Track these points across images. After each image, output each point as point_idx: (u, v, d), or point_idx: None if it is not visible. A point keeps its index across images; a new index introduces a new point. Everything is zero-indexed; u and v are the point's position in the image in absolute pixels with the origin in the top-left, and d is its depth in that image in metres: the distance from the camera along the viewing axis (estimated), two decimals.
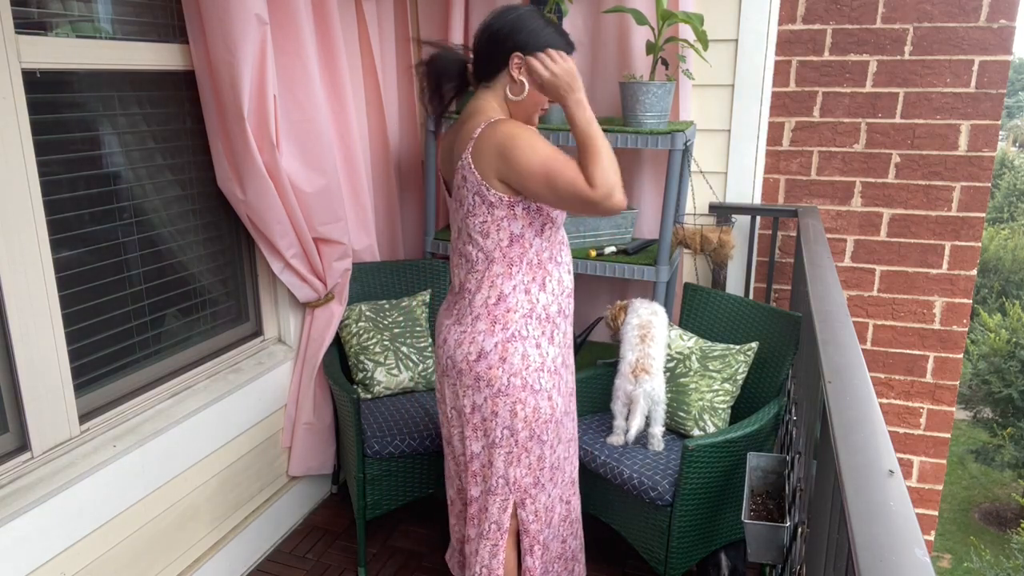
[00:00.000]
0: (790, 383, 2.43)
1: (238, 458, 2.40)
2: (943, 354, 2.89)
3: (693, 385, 2.36)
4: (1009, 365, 9.55)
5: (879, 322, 2.94)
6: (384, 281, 2.85)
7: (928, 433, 2.96)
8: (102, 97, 1.94)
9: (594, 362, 2.72)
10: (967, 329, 2.87)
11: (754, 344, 2.39)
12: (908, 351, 2.92)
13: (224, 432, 2.31)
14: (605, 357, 2.71)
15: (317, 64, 2.33)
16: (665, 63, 2.62)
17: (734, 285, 2.99)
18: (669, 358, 2.44)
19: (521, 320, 1.71)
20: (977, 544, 8.28)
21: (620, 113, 2.76)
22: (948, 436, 2.95)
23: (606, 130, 2.51)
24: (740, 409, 2.41)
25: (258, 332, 2.59)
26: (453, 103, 1.84)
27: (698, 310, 2.62)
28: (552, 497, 1.91)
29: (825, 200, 2.90)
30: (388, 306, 2.73)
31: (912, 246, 2.84)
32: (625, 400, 2.28)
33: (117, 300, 2.03)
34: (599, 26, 2.84)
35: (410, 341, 2.67)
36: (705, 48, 2.53)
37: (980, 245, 2.80)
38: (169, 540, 2.14)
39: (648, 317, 2.35)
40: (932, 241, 2.81)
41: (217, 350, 2.40)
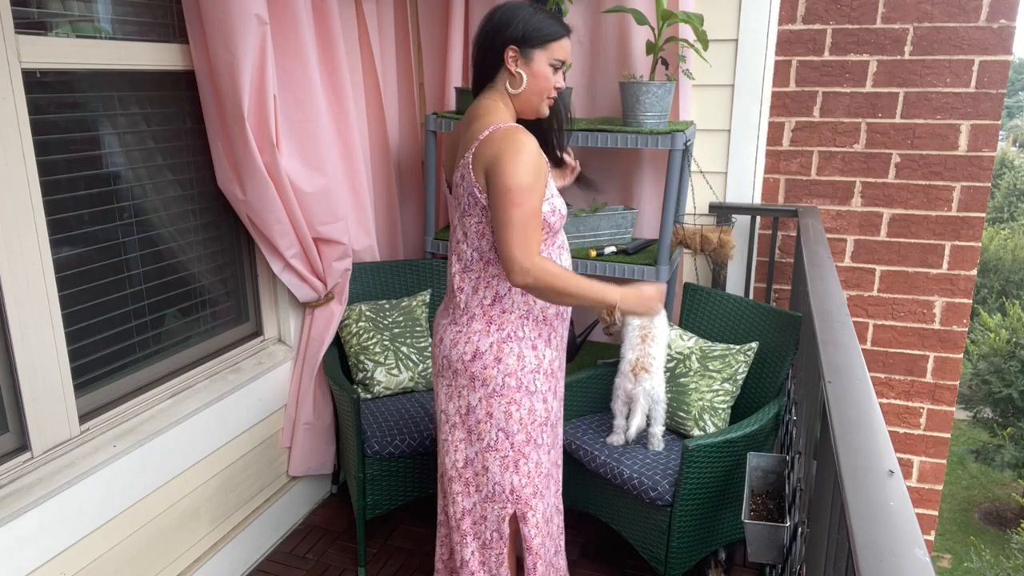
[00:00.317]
0: (790, 383, 2.43)
1: (238, 458, 2.40)
2: (943, 354, 2.89)
3: (693, 385, 2.36)
4: (1009, 365, 9.56)
5: (879, 322, 2.94)
6: (384, 281, 2.85)
7: (928, 433, 2.96)
8: (102, 97, 1.94)
9: (594, 362, 2.72)
10: (967, 329, 2.87)
11: (754, 344, 2.39)
12: (908, 351, 2.92)
13: (224, 432, 2.32)
14: (605, 357, 2.71)
15: (317, 64, 2.33)
16: (665, 63, 2.62)
17: (734, 285, 2.99)
18: (669, 358, 2.44)
19: (517, 321, 1.71)
20: (977, 544, 8.28)
21: (620, 113, 2.76)
22: (948, 436, 2.95)
23: (606, 130, 2.51)
24: (740, 409, 2.41)
25: (258, 332, 2.59)
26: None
27: (698, 310, 2.62)
28: (549, 507, 1.86)
29: (825, 200, 2.90)
30: (388, 306, 2.73)
31: (912, 246, 2.84)
32: (625, 399, 2.28)
33: (117, 300, 2.03)
34: (599, 26, 2.84)
35: (410, 341, 2.67)
36: (705, 48, 2.53)
37: (980, 245, 2.80)
38: (169, 540, 2.14)
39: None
40: (932, 241, 2.81)
41: (217, 350, 2.40)
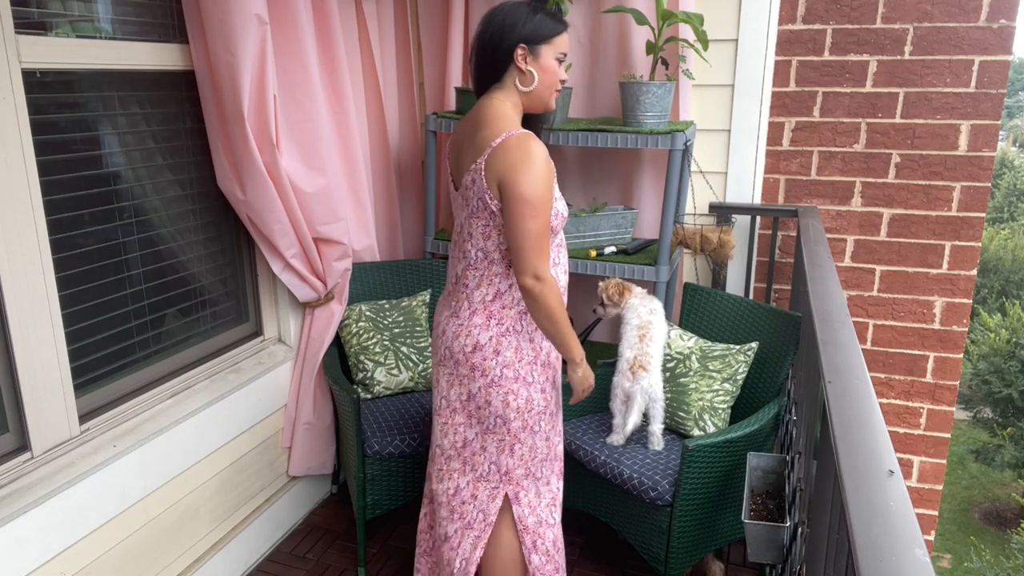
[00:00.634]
0: (790, 383, 2.43)
1: (238, 458, 2.40)
2: (943, 354, 2.89)
3: (693, 385, 2.36)
4: (1009, 365, 9.56)
5: (879, 322, 2.94)
6: (384, 281, 2.85)
7: (928, 433, 2.96)
8: (102, 97, 1.94)
9: (595, 362, 2.72)
10: (967, 329, 2.87)
11: (754, 344, 2.39)
12: (908, 351, 2.92)
13: (224, 432, 2.32)
14: (605, 357, 2.71)
15: (317, 64, 2.33)
16: (665, 63, 2.62)
17: (734, 285, 2.99)
18: (669, 358, 2.44)
19: (516, 316, 1.79)
20: (977, 544, 8.28)
21: (620, 113, 2.76)
22: (948, 436, 2.95)
23: (606, 130, 2.51)
24: (740, 409, 2.41)
25: (258, 332, 2.59)
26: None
27: (698, 310, 2.62)
28: (555, 491, 1.93)
29: (825, 200, 2.90)
30: (388, 306, 2.73)
31: (912, 246, 2.84)
32: (623, 397, 2.29)
33: (117, 300, 2.03)
34: (599, 26, 2.84)
35: (410, 341, 2.67)
36: (705, 48, 2.53)
37: (980, 245, 2.80)
38: (169, 540, 2.14)
39: (648, 318, 2.36)
40: (932, 241, 2.81)
41: (217, 350, 2.40)
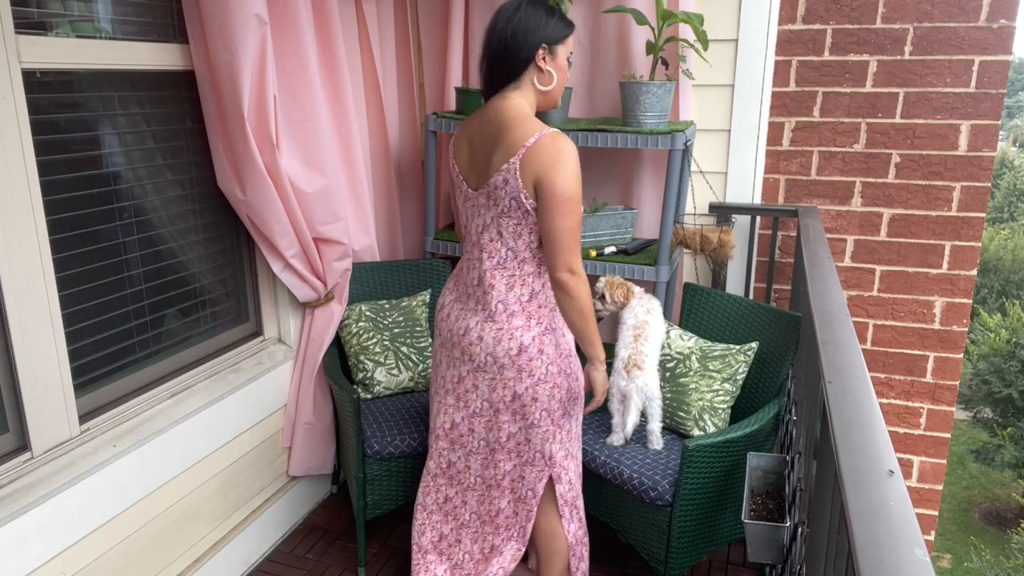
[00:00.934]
0: (790, 383, 2.43)
1: (238, 458, 2.40)
2: (943, 354, 2.89)
3: (693, 385, 2.36)
4: (1009, 365, 9.56)
5: (879, 322, 2.94)
6: (384, 281, 2.85)
7: (928, 433, 2.96)
8: (102, 97, 1.94)
9: None
10: (967, 329, 2.87)
11: (754, 344, 2.39)
12: (908, 351, 2.92)
13: (224, 432, 2.32)
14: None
15: (317, 64, 2.33)
16: (665, 63, 2.62)
17: (734, 285, 2.99)
18: (669, 358, 2.44)
19: (550, 314, 1.87)
20: (977, 544, 8.28)
21: (620, 113, 2.76)
22: (948, 436, 2.95)
23: (606, 130, 2.51)
24: (740, 409, 2.41)
25: (258, 332, 2.59)
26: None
27: (698, 310, 2.62)
28: (577, 465, 2.04)
29: (825, 200, 2.90)
30: (388, 306, 2.73)
31: (912, 246, 2.84)
32: (620, 396, 2.29)
33: (117, 300, 2.03)
34: (599, 26, 2.84)
35: (410, 341, 2.67)
36: (705, 48, 2.53)
37: (980, 245, 2.80)
38: (169, 540, 2.14)
39: (644, 317, 2.36)
40: (932, 241, 2.81)
41: (217, 350, 2.40)
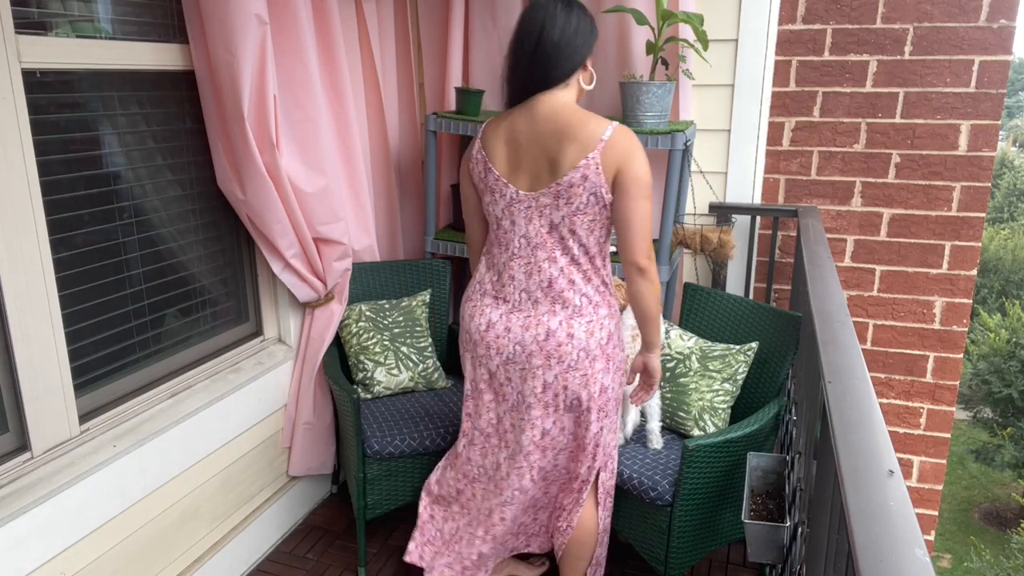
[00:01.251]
0: (790, 383, 2.43)
1: (238, 458, 2.40)
2: (943, 354, 2.89)
3: (693, 385, 2.36)
4: (1009, 365, 9.55)
5: (879, 322, 2.94)
6: (384, 281, 2.85)
7: (928, 433, 2.96)
8: (102, 97, 1.94)
9: None
10: (967, 329, 2.87)
11: (754, 344, 2.39)
12: (908, 351, 2.92)
13: (224, 432, 2.32)
14: None
15: (317, 64, 2.33)
16: (665, 63, 2.62)
17: (734, 285, 2.99)
18: (669, 358, 2.44)
19: (615, 302, 1.92)
20: (977, 544, 8.28)
21: (620, 113, 2.76)
22: (948, 436, 2.95)
23: None
24: (740, 409, 2.41)
25: (258, 332, 2.59)
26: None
27: (698, 310, 2.62)
28: None
29: (825, 200, 2.90)
30: (388, 306, 2.73)
31: (912, 246, 2.84)
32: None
33: (117, 300, 2.03)
34: (599, 26, 2.83)
35: (410, 341, 2.67)
36: (705, 48, 2.53)
37: (980, 245, 2.80)
38: (169, 540, 2.14)
39: None
40: (932, 241, 2.81)
41: (217, 350, 2.40)
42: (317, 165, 2.36)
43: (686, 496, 2.06)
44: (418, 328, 2.71)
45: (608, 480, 2.04)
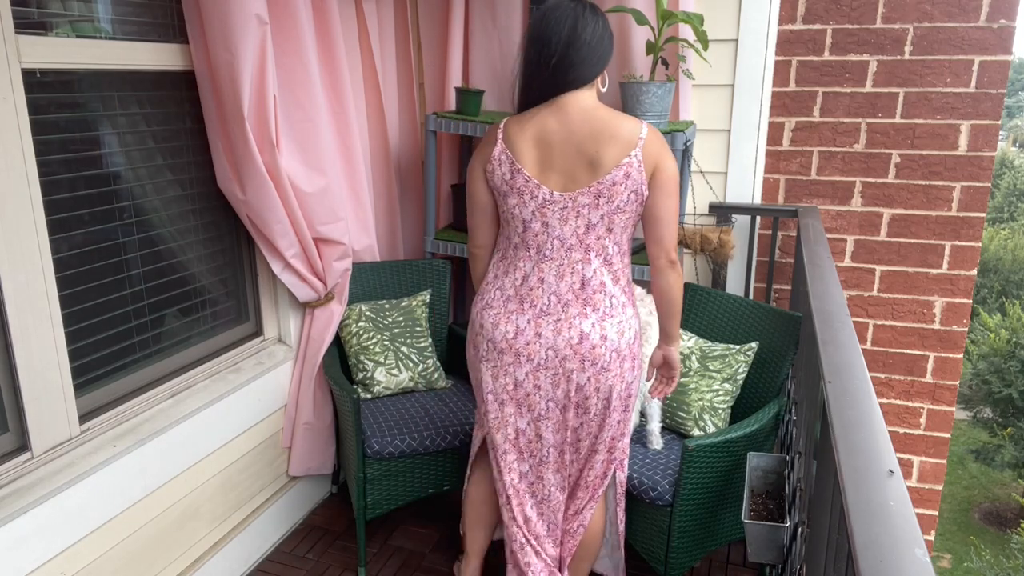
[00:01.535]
0: (790, 383, 2.43)
1: (238, 458, 2.40)
2: (943, 354, 2.89)
3: (693, 385, 2.36)
4: (1009, 365, 9.55)
5: (879, 322, 2.94)
6: (384, 281, 2.85)
7: (928, 433, 2.96)
8: (102, 97, 1.94)
9: None
10: (967, 329, 2.87)
11: (754, 344, 2.39)
12: (908, 351, 2.92)
13: (224, 432, 2.32)
14: None
15: (317, 64, 2.33)
16: (665, 63, 2.62)
17: (734, 285, 2.99)
18: None
19: (634, 299, 1.92)
20: (977, 544, 8.28)
21: None
22: (948, 436, 2.95)
23: None
24: (740, 409, 2.41)
25: (258, 332, 2.59)
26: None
27: (698, 310, 2.62)
28: None
29: (825, 200, 2.90)
30: (388, 306, 2.73)
31: (912, 246, 2.84)
32: None
33: (117, 300, 2.03)
34: None
35: (410, 341, 2.67)
36: (705, 48, 2.53)
37: (980, 245, 2.80)
38: (169, 540, 2.14)
39: (646, 319, 2.36)
40: (932, 241, 2.81)
41: (217, 350, 2.40)
42: (317, 165, 2.36)
43: (686, 496, 2.06)
44: (418, 328, 2.71)
45: (623, 478, 2.05)
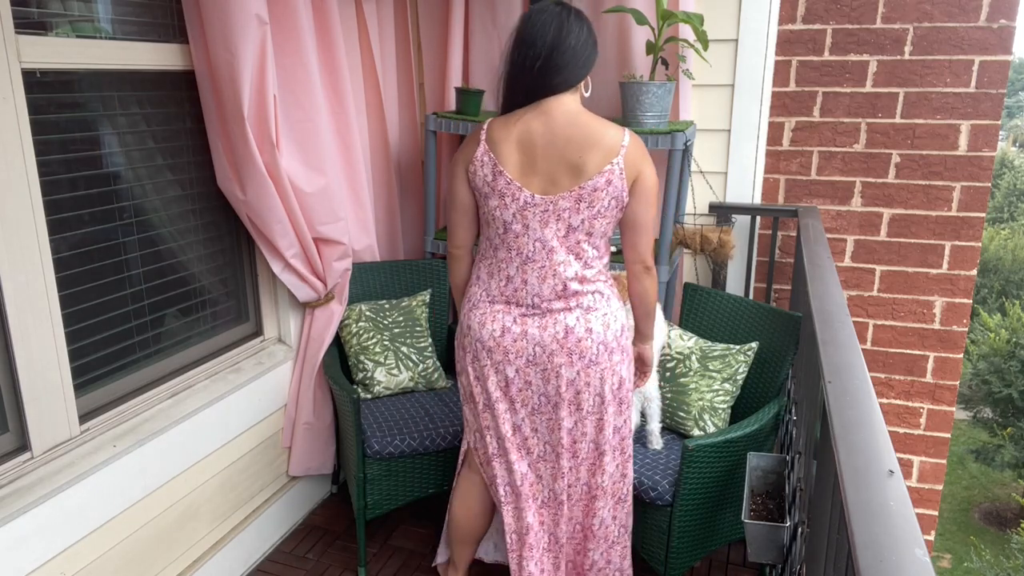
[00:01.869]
0: (790, 383, 2.43)
1: (238, 458, 2.40)
2: (943, 354, 2.89)
3: (693, 385, 2.36)
4: (1009, 365, 9.55)
5: (879, 322, 2.94)
6: (384, 281, 2.85)
7: (928, 433, 2.96)
8: (102, 97, 1.94)
9: None
10: (967, 329, 2.87)
11: (754, 344, 2.39)
12: (908, 351, 2.92)
13: (224, 432, 2.32)
14: None
15: (317, 64, 2.33)
16: (665, 63, 2.62)
17: (734, 285, 2.99)
18: (669, 358, 2.44)
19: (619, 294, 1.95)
20: (977, 544, 8.28)
21: (620, 113, 2.76)
22: (948, 436, 2.95)
23: None
24: (740, 409, 2.41)
25: (258, 332, 2.59)
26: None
27: (698, 310, 2.62)
28: None
29: (825, 200, 2.90)
30: (388, 306, 2.73)
31: (912, 246, 2.84)
32: None
33: (117, 300, 2.03)
34: (599, 26, 2.84)
35: (410, 341, 2.67)
36: (705, 48, 2.53)
37: (980, 245, 2.80)
38: (169, 540, 2.14)
39: None
40: (932, 241, 2.81)
41: (217, 350, 2.40)
42: (317, 165, 2.36)
43: (686, 496, 2.06)
44: (418, 328, 2.71)
45: (629, 481, 2.05)
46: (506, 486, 1.99)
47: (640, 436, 2.34)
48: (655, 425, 2.29)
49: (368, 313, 2.68)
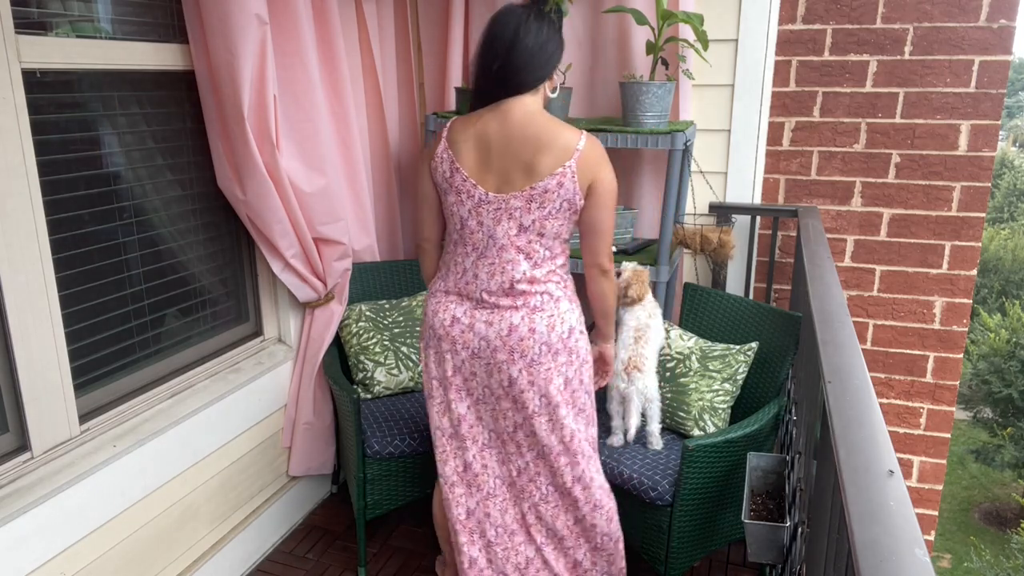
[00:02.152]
0: (790, 383, 2.43)
1: (238, 458, 2.40)
2: (943, 354, 2.89)
3: (693, 385, 2.36)
4: (1009, 365, 9.55)
5: (879, 322, 2.94)
6: (384, 281, 2.85)
7: (928, 433, 2.96)
8: (102, 97, 1.94)
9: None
10: (967, 329, 2.87)
11: (754, 344, 2.39)
12: (908, 351, 2.92)
13: (224, 432, 2.32)
14: None
15: (317, 64, 2.33)
16: (665, 63, 2.62)
17: (734, 285, 2.99)
18: (669, 358, 2.44)
19: (575, 296, 1.94)
20: (977, 544, 8.28)
21: (620, 113, 2.76)
22: (948, 436, 2.95)
23: (606, 130, 2.51)
24: (740, 409, 2.41)
25: (258, 332, 2.59)
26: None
27: (698, 310, 2.62)
28: None
29: (825, 200, 2.90)
30: (388, 306, 2.73)
31: (912, 246, 2.84)
32: (619, 399, 2.29)
33: (117, 300, 2.03)
34: (599, 26, 2.84)
35: (410, 341, 2.67)
36: (705, 48, 2.53)
37: (980, 245, 2.80)
38: (169, 540, 2.14)
39: (646, 320, 2.36)
40: (932, 241, 2.81)
41: (217, 350, 2.40)
42: (317, 165, 2.36)
43: (686, 496, 2.06)
44: (418, 328, 2.71)
45: (599, 486, 2.00)
46: (450, 474, 1.99)
47: (640, 436, 2.34)
48: (655, 426, 2.29)
49: (368, 313, 2.68)
